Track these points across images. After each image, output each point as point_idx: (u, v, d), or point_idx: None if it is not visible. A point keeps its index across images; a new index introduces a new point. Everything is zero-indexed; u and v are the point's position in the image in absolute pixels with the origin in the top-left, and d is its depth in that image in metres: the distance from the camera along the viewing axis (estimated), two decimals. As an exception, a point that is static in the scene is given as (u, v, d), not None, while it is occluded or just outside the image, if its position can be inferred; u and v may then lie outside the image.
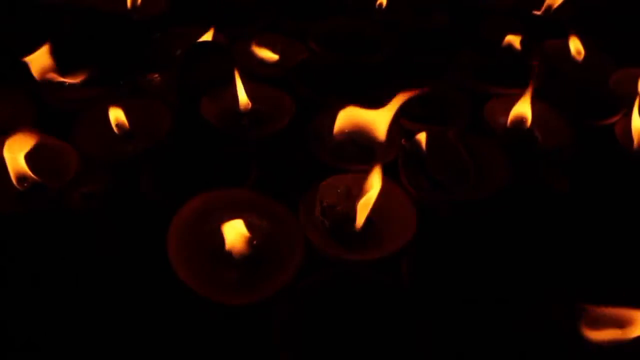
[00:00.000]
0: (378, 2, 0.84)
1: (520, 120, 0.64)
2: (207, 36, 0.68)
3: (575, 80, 0.74)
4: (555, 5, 0.85)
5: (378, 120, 0.57)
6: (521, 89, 0.66)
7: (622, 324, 0.41)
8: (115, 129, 0.58)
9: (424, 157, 0.55)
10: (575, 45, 0.78)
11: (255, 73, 0.70)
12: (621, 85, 0.73)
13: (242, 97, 0.62)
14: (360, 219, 0.49)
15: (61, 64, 0.65)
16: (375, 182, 0.48)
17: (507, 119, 0.65)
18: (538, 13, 0.87)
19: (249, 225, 0.47)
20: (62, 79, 0.64)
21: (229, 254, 0.47)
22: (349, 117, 0.58)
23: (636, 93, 0.72)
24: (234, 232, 0.46)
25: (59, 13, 0.77)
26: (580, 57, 0.78)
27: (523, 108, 0.63)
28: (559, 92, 0.71)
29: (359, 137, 0.59)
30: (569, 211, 0.56)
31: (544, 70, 0.73)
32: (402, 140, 0.56)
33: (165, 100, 0.64)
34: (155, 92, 0.67)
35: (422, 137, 0.55)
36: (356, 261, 0.47)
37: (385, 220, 0.52)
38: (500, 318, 0.45)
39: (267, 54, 0.73)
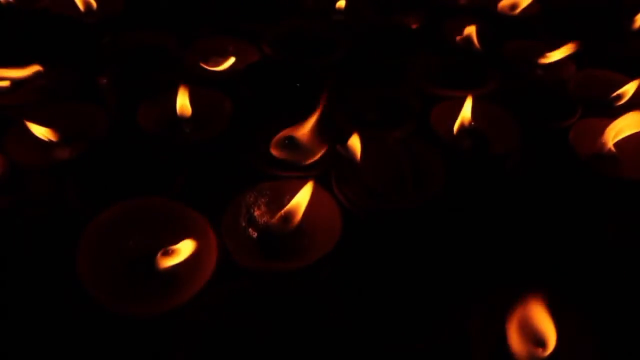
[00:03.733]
0: (337, 5, 0.83)
1: (467, 124, 0.62)
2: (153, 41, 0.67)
3: (534, 82, 0.72)
4: (521, 6, 0.83)
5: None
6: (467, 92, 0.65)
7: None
8: (40, 137, 0.56)
9: (358, 163, 0.53)
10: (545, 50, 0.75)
11: (205, 76, 0.68)
12: (582, 88, 0.70)
13: (184, 107, 0.60)
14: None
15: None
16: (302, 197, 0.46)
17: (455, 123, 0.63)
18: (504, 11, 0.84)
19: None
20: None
21: (146, 265, 0.45)
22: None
23: (596, 95, 0.70)
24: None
25: (11, 14, 0.77)
26: (547, 60, 0.75)
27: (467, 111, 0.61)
28: (517, 94, 0.69)
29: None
30: (510, 215, 0.54)
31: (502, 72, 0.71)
32: (337, 145, 0.54)
33: (106, 104, 0.63)
34: (101, 96, 0.66)
35: (355, 142, 0.53)
36: (276, 271, 0.46)
37: (316, 228, 0.51)
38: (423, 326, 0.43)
39: (218, 57, 0.71)
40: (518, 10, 0.83)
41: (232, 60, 0.70)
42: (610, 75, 0.72)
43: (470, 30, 0.76)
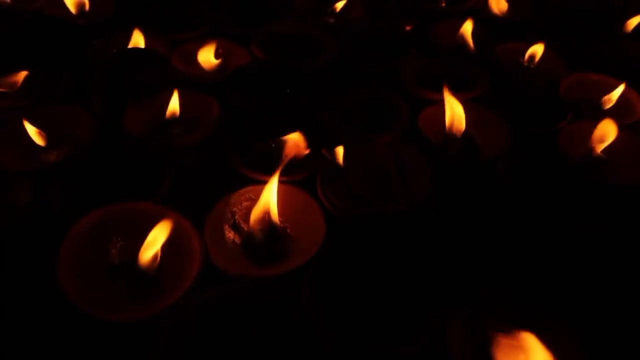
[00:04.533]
0: (331, 7, 0.82)
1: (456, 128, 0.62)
2: (137, 41, 0.67)
3: (524, 85, 0.71)
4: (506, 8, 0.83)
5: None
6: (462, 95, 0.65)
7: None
8: (34, 139, 0.57)
9: (343, 167, 0.53)
10: (534, 50, 0.75)
11: (194, 79, 0.68)
12: (572, 91, 0.70)
13: (173, 109, 0.60)
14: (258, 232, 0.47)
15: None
16: (267, 195, 0.46)
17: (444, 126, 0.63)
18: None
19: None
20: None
21: (126, 268, 0.45)
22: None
23: (587, 98, 0.70)
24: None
25: (4, 15, 0.77)
26: (535, 62, 0.75)
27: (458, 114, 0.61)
28: (507, 96, 0.69)
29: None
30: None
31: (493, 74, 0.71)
32: (323, 149, 0.54)
33: (93, 107, 0.63)
34: (89, 99, 0.66)
35: (341, 147, 0.53)
36: (257, 277, 0.46)
37: (301, 234, 0.51)
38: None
39: (207, 60, 0.71)
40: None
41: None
42: (601, 78, 0.71)
43: (465, 29, 0.76)
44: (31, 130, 0.56)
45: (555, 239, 0.54)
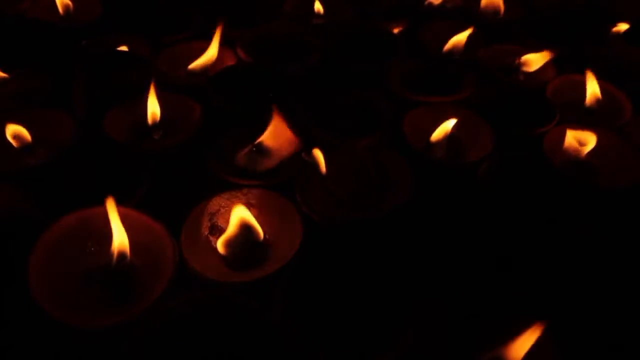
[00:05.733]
0: (316, 8, 0.82)
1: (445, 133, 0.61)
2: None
3: (512, 87, 0.71)
4: (502, 9, 0.82)
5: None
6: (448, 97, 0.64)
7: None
8: (13, 142, 0.56)
9: (323, 171, 0.53)
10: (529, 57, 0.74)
11: (179, 82, 0.68)
12: (560, 93, 0.69)
13: (153, 111, 0.59)
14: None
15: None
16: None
17: (431, 130, 0.62)
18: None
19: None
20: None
21: (99, 274, 0.45)
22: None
23: (575, 101, 0.69)
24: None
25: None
26: (531, 69, 0.74)
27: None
28: (495, 99, 0.68)
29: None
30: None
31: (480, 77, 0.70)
32: (303, 153, 0.53)
33: (74, 109, 0.62)
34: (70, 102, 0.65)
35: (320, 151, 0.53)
36: (232, 283, 0.45)
37: (278, 239, 0.50)
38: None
39: (195, 62, 0.71)
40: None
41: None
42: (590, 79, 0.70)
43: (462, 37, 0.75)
44: (9, 132, 0.55)
45: (541, 243, 0.54)
